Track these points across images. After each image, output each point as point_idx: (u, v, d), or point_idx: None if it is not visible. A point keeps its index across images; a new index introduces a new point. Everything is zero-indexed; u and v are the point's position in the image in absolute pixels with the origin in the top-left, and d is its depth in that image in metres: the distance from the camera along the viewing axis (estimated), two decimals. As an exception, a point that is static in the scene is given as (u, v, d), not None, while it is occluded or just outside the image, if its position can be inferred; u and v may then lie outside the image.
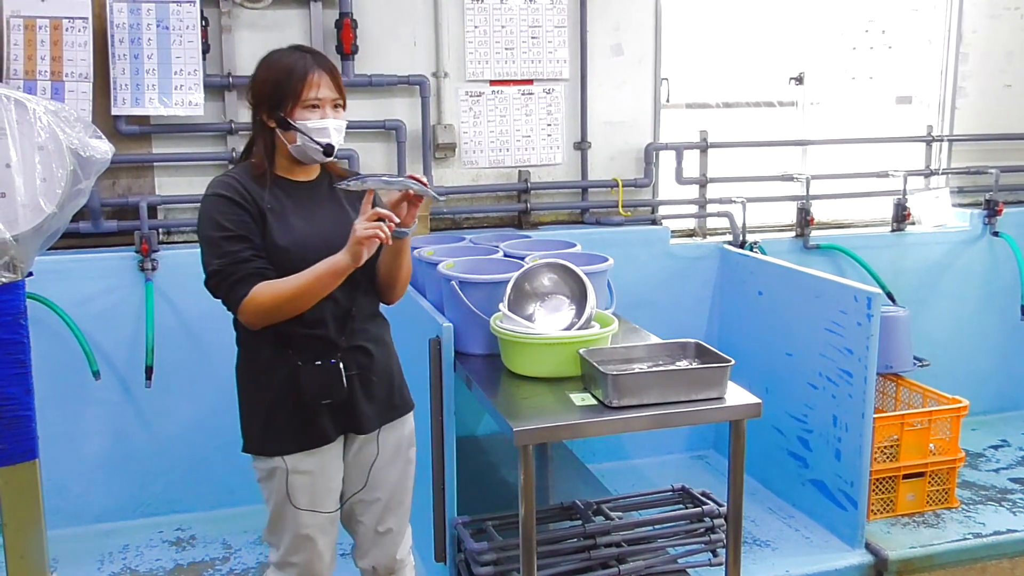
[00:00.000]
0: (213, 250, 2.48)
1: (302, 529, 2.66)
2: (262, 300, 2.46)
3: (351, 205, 2.64)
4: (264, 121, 2.57)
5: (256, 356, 2.62)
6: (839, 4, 5.16)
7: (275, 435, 2.61)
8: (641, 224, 4.81)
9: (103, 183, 4.04)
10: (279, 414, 2.60)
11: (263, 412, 2.61)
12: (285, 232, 2.52)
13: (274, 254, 2.51)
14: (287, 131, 2.54)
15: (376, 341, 2.72)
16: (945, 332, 5.20)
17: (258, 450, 2.64)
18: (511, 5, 4.53)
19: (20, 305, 2.94)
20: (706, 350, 3.03)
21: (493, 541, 3.18)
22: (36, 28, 3.82)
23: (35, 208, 2.81)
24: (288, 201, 2.57)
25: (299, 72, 2.52)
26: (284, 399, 2.58)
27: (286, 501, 2.63)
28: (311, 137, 2.53)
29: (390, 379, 2.77)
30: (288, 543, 2.69)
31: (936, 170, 5.35)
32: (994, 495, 4.39)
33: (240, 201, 2.50)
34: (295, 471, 2.61)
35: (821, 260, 4.91)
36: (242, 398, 2.68)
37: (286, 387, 2.57)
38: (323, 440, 2.63)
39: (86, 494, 4.14)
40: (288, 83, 2.51)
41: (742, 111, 5.14)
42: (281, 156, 2.60)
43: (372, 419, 2.71)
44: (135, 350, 4.06)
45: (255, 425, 2.64)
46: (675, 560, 3.34)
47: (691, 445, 4.94)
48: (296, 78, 2.51)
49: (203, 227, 2.51)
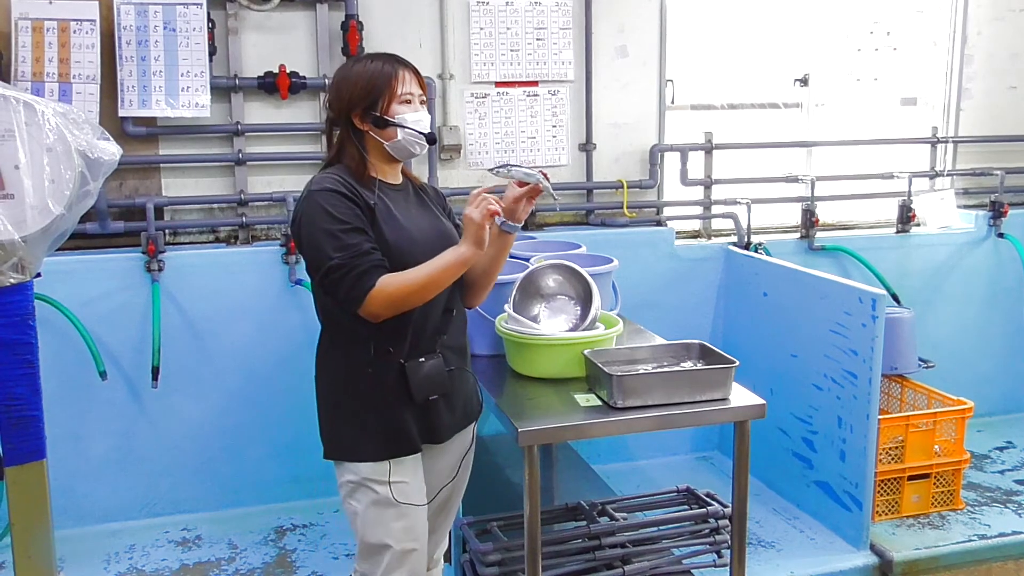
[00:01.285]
0: (331, 243, 2.42)
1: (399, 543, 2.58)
2: (391, 290, 2.42)
3: (439, 211, 2.72)
4: (356, 125, 2.57)
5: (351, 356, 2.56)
6: (844, 6, 5.17)
7: (374, 439, 2.55)
8: (646, 225, 4.81)
9: (110, 184, 4.06)
10: (369, 418, 2.55)
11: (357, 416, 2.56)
12: (393, 229, 2.52)
13: (382, 249, 2.48)
14: (384, 129, 2.55)
15: (462, 351, 2.74)
16: (950, 333, 5.20)
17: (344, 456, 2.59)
18: (516, 7, 4.54)
19: (28, 306, 2.95)
20: (710, 351, 3.03)
21: (498, 541, 3.19)
22: (44, 30, 3.84)
23: (43, 209, 2.83)
24: (390, 201, 2.57)
25: (389, 70, 2.56)
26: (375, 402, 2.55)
27: (379, 512, 2.56)
28: (414, 129, 2.55)
29: (467, 389, 2.77)
30: (385, 562, 2.59)
31: (941, 172, 5.35)
32: (999, 497, 4.39)
33: (350, 195, 2.48)
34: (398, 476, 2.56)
35: (826, 261, 4.92)
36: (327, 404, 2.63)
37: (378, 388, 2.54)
38: (411, 448, 2.59)
39: (92, 494, 4.16)
40: (381, 82, 2.54)
41: (747, 112, 5.14)
42: (374, 157, 2.59)
43: (450, 428, 2.71)
44: (141, 351, 4.07)
45: (345, 430, 2.58)
46: (680, 561, 3.34)
47: (696, 446, 4.95)
48: (388, 76, 2.55)
49: (316, 221, 2.44)
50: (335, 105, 2.60)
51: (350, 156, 2.59)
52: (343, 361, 2.58)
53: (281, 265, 4.21)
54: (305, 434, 4.29)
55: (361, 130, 2.58)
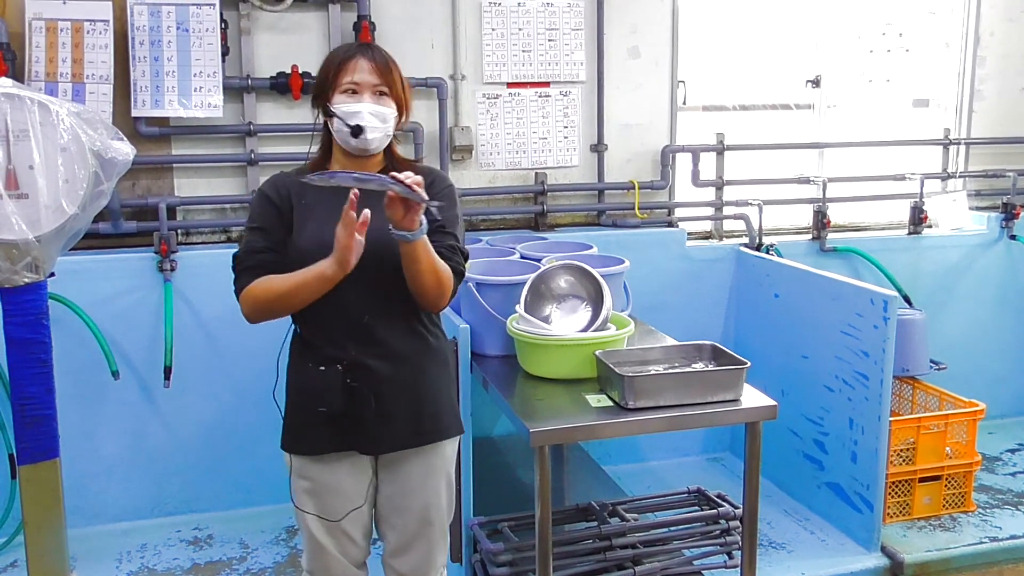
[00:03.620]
0: (245, 240, 2.53)
1: (312, 532, 2.63)
2: (256, 294, 2.46)
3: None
4: (321, 115, 2.56)
5: (291, 355, 2.64)
6: (856, 7, 5.16)
7: (288, 433, 2.64)
8: (657, 226, 4.81)
9: (123, 184, 4.07)
10: (292, 414, 2.62)
11: (287, 409, 2.64)
12: (309, 231, 2.46)
13: (293, 248, 2.47)
14: (329, 118, 2.50)
15: (398, 358, 2.52)
16: (962, 335, 5.18)
17: (281, 444, 2.66)
18: (528, 8, 4.54)
19: (42, 305, 2.97)
20: (722, 352, 3.03)
21: (509, 542, 3.19)
22: (58, 30, 3.86)
23: (57, 209, 2.85)
24: (331, 201, 2.37)
25: (339, 57, 2.50)
26: (298, 400, 2.59)
27: (298, 501, 2.63)
28: (343, 119, 2.44)
29: (417, 401, 2.56)
30: (308, 550, 2.69)
31: (953, 173, 5.33)
32: (1011, 499, 4.37)
33: (272, 197, 2.51)
34: (299, 474, 2.62)
35: (837, 263, 4.91)
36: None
37: (299, 389, 2.59)
38: (320, 449, 2.57)
39: (105, 493, 4.17)
40: (329, 70, 2.50)
41: (759, 114, 5.14)
42: (337, 150, 2.55)
43: (384, 442, 2.55)
44: (154, 350, 4.08)
45: (284, 421, 2.66)
46: (691, 562, 3.34)
47: (707, 447, 4.94)
48: (336, 63, 2.49)
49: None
50: (312, 95, 2.60)
51: (323, 145, 2.60)
52: (290, 354, 2.65)
53: (293, 265, 4.22)
54: (316, 434, 4.31)
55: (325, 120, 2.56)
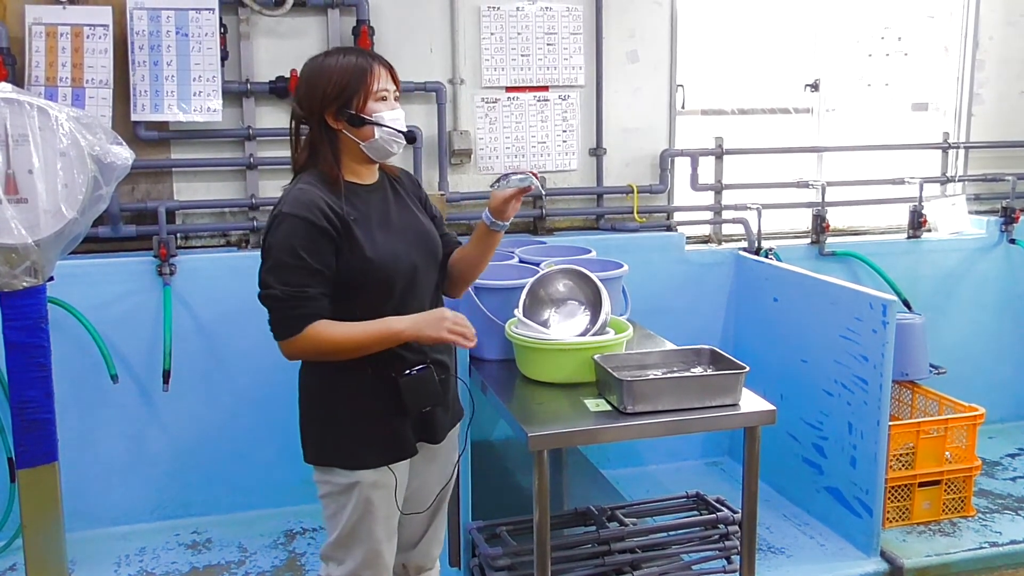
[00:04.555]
0: (280, 274, 2.37)
1: (375, 544, 2.59)
2: (320, 340, 2.39)
3: (415, 204, 2.67)
4: (330, 124, 2.48)
5: (339, 366, 2.50)
6: (855, 11, 5.16)
7: (359, 448, 2.52)
8: (656, 230, 4.81)
9: (122, 188, 4.07)
10: (365, 426, 2.52)
11: (345, 424, 2.53)
12: (374, 245, 2.45)
13: (362, 266, 2.43)
14: (361, 127, 2.46)
15: (445, 348, 2.65)
16: (961, 339, 5.18)
17: (336, 463, 2.53)
18: (527, 12, 4.54)
19: (41, 309, 2.98)
20: (721, 357, 3.03)
21: (507, 546, 3.19)
22: (57, 35, 3.86)
23: (56, 214, 2.85)
24: (366, 209, 2.49)
25: (364, 65, 2.47)
26: (371, 411, 2.52)
27: (365, 516, 2.55)
28: (392, 127, 2.48)
29: (455, 384, 2.78)
30: (360, 558, 2.59)
31: (952, 177, 5.33)
32: (1011, 504, 4.37)
33: (324, 226, 2.39)
34: (377, 485, 2.53)
35: (836, 267, 4.91)
36: (315, 409, 2.58)
37: (374, 398, 2.51)
38: (409, 452, 2.58)
39: (103, 497, 4.17)
40: (356, 77, 2.45)
41: (757, 118, 5.14)
42: (349, 158, 2.51)
43: (444, 428, 2.71)
44: (153, 354, 4.08)
45: (331, 437, 2.54)
46: (689, 567, 3.34)
47: (706, 451, 4.94)
48: (363, 71, 2.46)
49: (276, 247, 2.39)
50: (305, 103, 2.49)
51: (323, 159, 2.48)
52: (332, 368, 2.51)
53: (292, 269, 4.21)
54: (315, 438, 4.31)
55: (334, 129, 2.49)
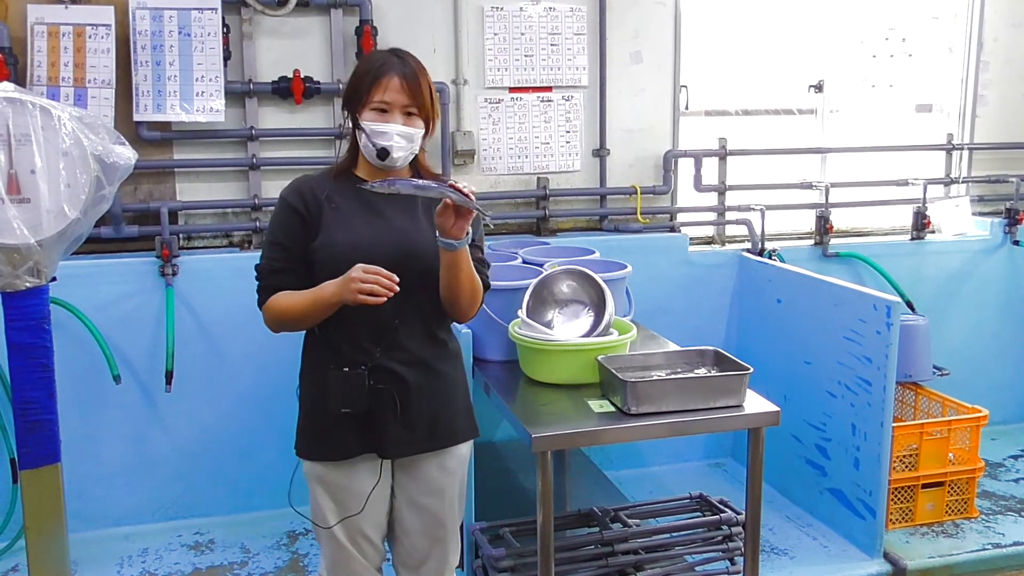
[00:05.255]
0: (263, 249, 2.59)
1: (334, 535, 2.61)
2: (273, 312, 2.54)
3: (425, 214, 2.57)
4: (355, 122, 2.55)
5: (306, 359, 2.64)
6: (859, 12, 5.15)
7: (306, 439, 2.61)
8: (660, 231, 4.81)
9: (125, 188, 4.07)
10: (312, 419, 2.59)
11: (303, 415, 2.63)
12: (337, 230, 2.50)
13: (321, 247, 2.50)
14: (357, 130, 2.53)
15: (420, 364, 2.55)
16: (965, 341, 5.17)
17: (297, 449, 2.63)
18: (530, 13, 4.54)
19: (44, 310, 2.97)
20: (724, 358, 3.03)
21: (510, 547, 3.19)
22: (60, 35, 3.86)
23: (59, 214, 2.85)
24: (357, 203, 2.54)
25: (372, 73, 2.48)
26: (316, 405, 2.56)
27: (317, 509, 2.61)
28: (370, 138, 2.49)
29: (435, 406, 2.58)
30: (329, 555, 2.66)
31: (956, 178, 5.32)
32: (1014, 505, 4.36)
33: (296, 205, 2.53)
34: (321, 480, 2.59)
35: (840, 268, 4.90)
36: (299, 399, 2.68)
37: (317, 392, 2.54)
38: (343, 453, 2.56)
39: (106, 498, 4.17)
40: (362, 83, 2.50)
41: (761, 119, 5.13)
42: (362, 159, 2.59)
43: (404, 445, 2.56)
44: (155, 355, 4.08)
45: (299, 425, 2.64)
46: (692, 568, 3.34)
47: (709, 453, 4.93)
48: (369, 79, 2.48)
49: (268, 225, 2.64)
50: (344, 99, 2.60)
51: (351, 152, 2.62)
52: (303, 360, 2.66)
53: (295, 270, 4.21)
54: (318, 439, 4.30)
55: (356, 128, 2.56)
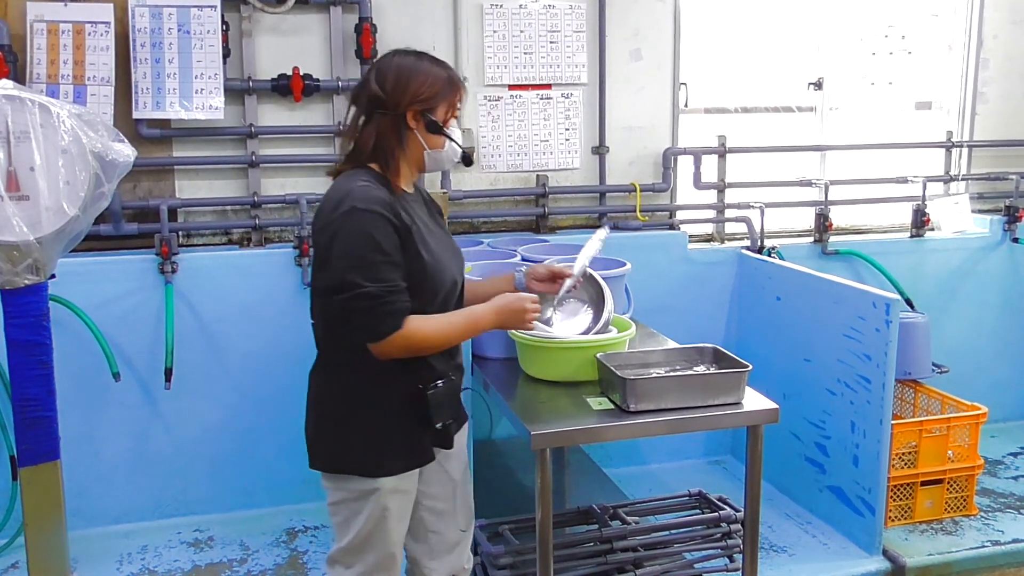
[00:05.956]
0: (367, 272, 2.35)
1: (391, 547, 2.60)
2: (414, 340, 2.42)
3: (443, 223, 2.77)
4: (408, 122, 2.51)
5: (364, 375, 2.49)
6: (858, 9, 5.15)
7: (380, 455, 2.52)
8: (659, 229, 4.81)
9: (124, 186, 4.07)
10: (387, 434, 2.52)
11: (366, 431, 2.51)
12: (428, 253, 2.49)
13: (418, 270, 2.46)
14: (434, 135, 2.53)
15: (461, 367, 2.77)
16: (964, 338, 5.17)
17: (354, 470, 2.52)
18: (530, 10, 4.54)
19: (43, 307, 2.97)
20: (724, 355, 3.02)
21: (509, 545, 3.19)
22: (59, 32, 3.86)
23: (58, 211, 2.85)
24: (413, 217, 2.51)
25: (456, 83, 2.57)
26: (394, 420, 2.52)
27: (382, 522, 2.55)
28: (456, 142, 2.59)
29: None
30: (372, 563, 2.61)
31: (956, 176, 5.32)
32: (1013, 503, 4.36)
33: (393, 220, 2.40)
34: (396, 491, 2.54)
35: (839, 266, 4.90)
36: (332, 415, 2.55)
37: (398, 408, 2.51)
38: (429, 459, 2.61)
39: (106, 495, 4.17)
40: (449, 89, 2.54)
41: (761, 116, 5.13)
42: (405, 161, 2.55)
43: (455, 432, 2.73)
44: (155, 352, 4.08)
45: (349, 444, 2.52)
46: (691, 565, 3.34)
47: (708, 450, 4.93)
48: (455, 87, 2.56)
49: (357, 243, 2.36)
50: (394, 94, 2.49)
51: (388, 154, 2.50)
52: (355, 376, 2.51)
53: (294, 267, 4.21)
54: (317, 436, 4.30)
55: (408, 128, 2.51)
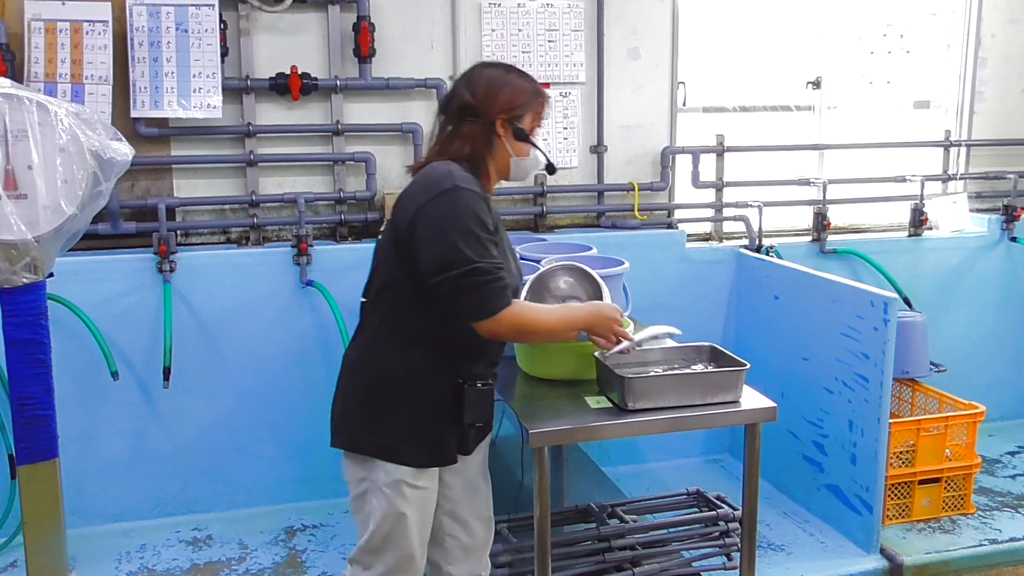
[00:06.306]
0: (477, 247, 2.39)
1: (409, 548, 2.59)
2: (524, 319, 2.50)
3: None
4: (497, 129, 2.59)
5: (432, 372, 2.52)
6: (857, 8, 5.15)
7: (409, 445, 2.52)
8: (657, 228, 4.81)
9: (122, 185, 4.07)
10: (421, 426, 2.53)
11: (402, 419, 2.53)
12: (499, 248, 2.52)
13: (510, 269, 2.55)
14: (521, 143, 2.61)
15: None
16: (962, 337, 5.17)
17: (383, 455, 2.52)
18: (528, 9, 4.54)
19: (41, 306, 2.97)
20: (722, 354, 3.03)
21: (508, 543, 3.19)
22: (57, 31, 3.86)
23: (56, 210, 2.85)
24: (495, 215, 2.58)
25: (541, 94, 2.67)
26: (431, 412, 2.53)
27: (401, 518, 2.54)
28: (544, 154, 2.69)
29: None
30: (392, 563, 2.59)
31: (954, 175, 5.33)
32: (1010, 501, 4.37)
33: (490, 208, 2.51)
34: (414, 486, 2.54)
35: (837, 264, 4.90)
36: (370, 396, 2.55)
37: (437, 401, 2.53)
38: (450, 460, 2.61)
39: (104, 493, 4.17)
40: (535, 100, 2.64)
41: (759, 115, 5.13)
42: (491, 166, 2.61)
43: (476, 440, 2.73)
44: (153, 351, 4.08)
45: (384, 429, 2.53)
46: (689, 563, 3.34)
47: (706, 449, 4.94)
48: (541, 98, 2.66)
49: (463, 219, 2.40)
50: (486, 101, 2.57)
51: (479, 157, 2.57)
52: (405, 363, 2.52)
53: (292, 266, 4.21)
54: (316, 435, 4.29)
55: (497, 135, 2.59)
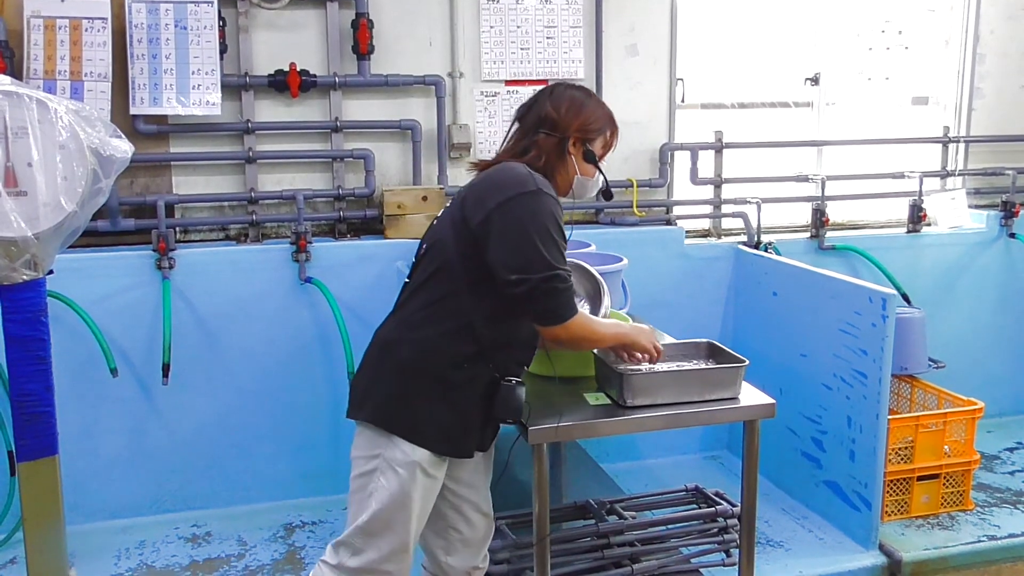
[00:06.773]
0: (555, 253, 2.51)
1: (407, 536, 2.59)
2: (586, 327, 2.63)
3: None
4: (569, 144, 2.69)
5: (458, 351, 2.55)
6: (855, 5, 5.15)
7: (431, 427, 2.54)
8: (656, 224, 4.81)
9: (121, 182, 4.06)
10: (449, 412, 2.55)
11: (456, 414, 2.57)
12: None
13: None
14: (587, 163, 2.72)
15: None
16: (961, 334, 5.18)
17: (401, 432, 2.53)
18: (527, 5, 4.54)
19: (41, 303, 2.97)
20: (720, 350, 3.03)
21: (507, 540, 3.19)
22: (56, 28, 3.85)
23: (56, 207, 2.85)
24: None
25: (614, 123, 2.79)
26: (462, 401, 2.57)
27: (406, 503, 2.55)
28: (607, 179, 2.81)
29: None
30: (386, 550, 2.59)
31: (952, 171, 5.33)
32: (1009, 497, 4.37)
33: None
34: (426, 473, 2.55)
35: (836, 261, 4.90)
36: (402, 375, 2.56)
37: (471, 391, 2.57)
38: (467, 453, 2.65)
39: (103, 490, 4.17)
40: (607, 127, 2.76)
41: (757, 111, 5.13)
42: (561, 179, 2.72)
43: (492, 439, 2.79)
44: (152, 348, 4.08)
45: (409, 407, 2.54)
46: (688, 560, 3.35)
47: (705, 445, 4.94)
48: (614, 126, 2.79)
49: (547, 224, 2.51)
50: (566, 119, 2.68)
51: (552, 167, 2.68)
52: (447, 350, 2.54)
53: (291, 263, 4.22)
54: (315, 431, 4.32)
55: (567, 152, 2.69)
